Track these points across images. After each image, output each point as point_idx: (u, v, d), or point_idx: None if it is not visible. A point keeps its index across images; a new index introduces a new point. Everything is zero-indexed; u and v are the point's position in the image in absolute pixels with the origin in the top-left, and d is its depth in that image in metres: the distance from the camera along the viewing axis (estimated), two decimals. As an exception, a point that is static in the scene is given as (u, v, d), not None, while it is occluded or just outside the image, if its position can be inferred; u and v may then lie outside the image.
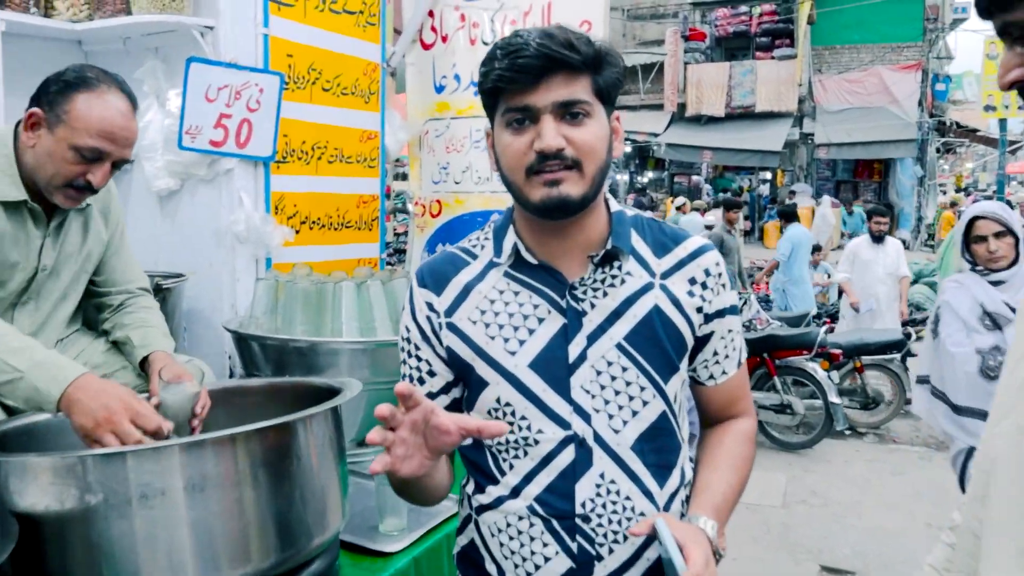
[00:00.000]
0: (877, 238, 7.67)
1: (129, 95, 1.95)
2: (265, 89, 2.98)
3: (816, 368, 6.46)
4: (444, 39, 3.76)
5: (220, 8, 2.94)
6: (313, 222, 3.33)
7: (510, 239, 1.43)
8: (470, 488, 1.50)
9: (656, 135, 21.22)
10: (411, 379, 1.49)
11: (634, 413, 1.39)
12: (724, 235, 8.45)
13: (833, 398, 6.29)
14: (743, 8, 22.32)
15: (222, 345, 2.97)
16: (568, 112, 1.31)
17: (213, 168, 3.01)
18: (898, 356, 6.91)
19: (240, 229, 2.95)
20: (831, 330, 7.48)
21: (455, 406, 1.50)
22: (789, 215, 9.53)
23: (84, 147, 1.85)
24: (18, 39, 2.86)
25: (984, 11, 0.94)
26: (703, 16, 23.09)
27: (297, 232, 3.22)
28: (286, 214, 3.18)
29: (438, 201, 3.84)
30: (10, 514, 1.49)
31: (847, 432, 6.82)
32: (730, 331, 1.49)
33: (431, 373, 1.48)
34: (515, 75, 1.29)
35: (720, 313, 1.46)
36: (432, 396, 1.48)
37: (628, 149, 23.03)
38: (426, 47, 3.83)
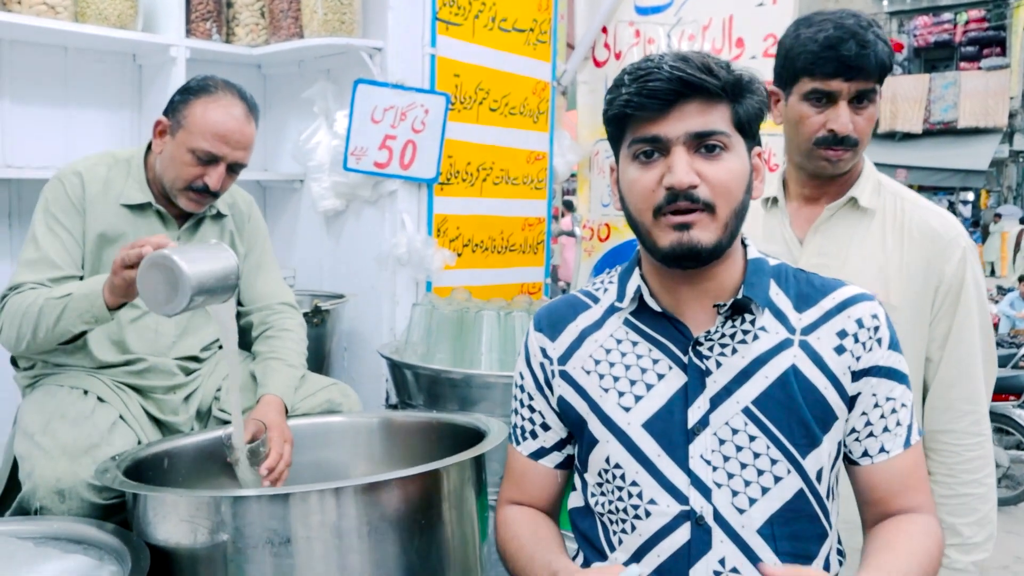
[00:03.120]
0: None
1: (247, 101, 2.02)
2: (431, 110, 2.94)
3: (1024, 416, 5.83)
4: (618, 56, 3.61)
5: (388, 29, 2.92)
6: (476, 245, 3.26)
7: (634, 282, 1.29)
8: (580, 560, 1.33)
9: (845, 153, 20.12)
10: (523, 432, 1.38)
11: (764, 490, 1.19)
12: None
13: (1044, 449, 5.64)
14: (946, 16, 20.89)
15: (380, 368, 2.93)
16: (703, 144, 1.17)
17: (377, 190, 2.99)
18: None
19: (401, 252, 2.91)
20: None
21: (568, 464, 1.37)
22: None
23: (199, 149, 1.93)
24: (202, 64, 2.95)
25: None
26: (900, 25, 21.78)
27: (459, 255, 3.15)
28: (448, 236, 3.12)
29: (607, 225, 3.68)
30: (144, 544, 1.47)
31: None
32: (890, 399, 1.24)
33: (545, 427, 1.36)
34: (644, 100, 1.16)
35: (871, 371, 1.22)
36: (544, 452, 1.36)
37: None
38: (599, 64, 3.69)
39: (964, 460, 1.61)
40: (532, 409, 1.36)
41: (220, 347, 2.22)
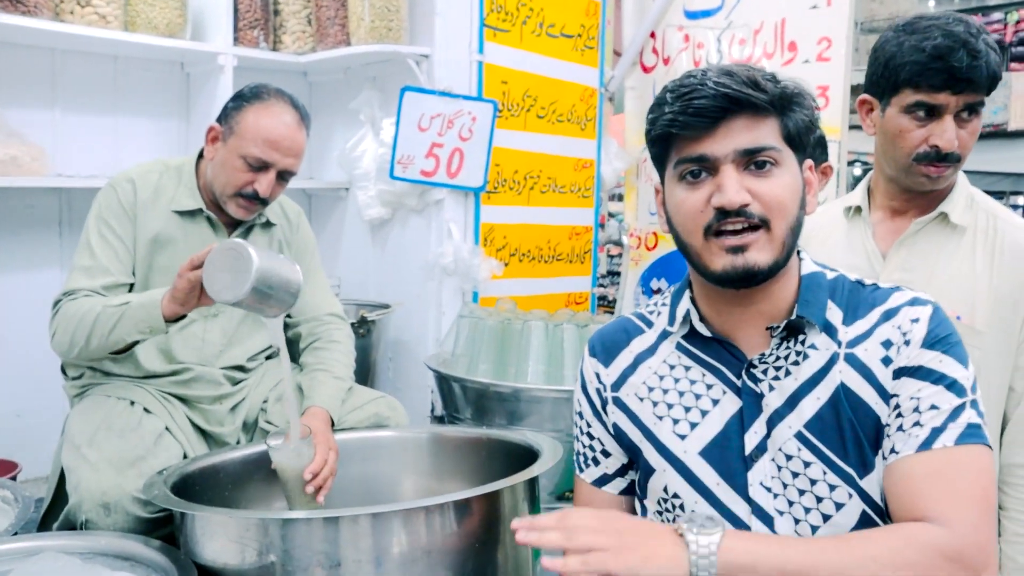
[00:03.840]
0: None
1: (299, 110, 2.03)
2: (478, 117, 2.90)
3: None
4: (666, 61, 3.54)
5: (435, 36, 2.90)
6: (523, 254, 3.21)
7: (683, 305, 1.24)
8: None
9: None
10: (585, 459, 1.34)
11: (825, 518, 1.12)
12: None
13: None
14: (996, 16, 20.41)
15: (426, 380, 2.90)
16: (753, 161, 1.11)
17: (423, 198, 2.95)
18: None
19: (448, 261, 2.88)
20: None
21: (631, 491, 1.32)
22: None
23: (250, 156, 1.94)
24: (249, 72, 2.95)
25: None
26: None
27: (506, 265, 3.10)
28: (495, 246, 3.08)
29: (655, 234, 3.61)
30: (192, 564, 1.45)
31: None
32: (913, 398, 1.10)
33: (605, 453, 1.32)
34: (689, 119, 1.10)
35: (900, 373, 1.11)
36: (607, 479, 1.32)
37: (858, 172, 21.67)
38: (647, 70, 3.63)
39: None
40: (591, 436, 1.32)
41: (267, 358, 2.20)
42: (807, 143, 1.16)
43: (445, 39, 2.91)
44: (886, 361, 1.13)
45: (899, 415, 1.11)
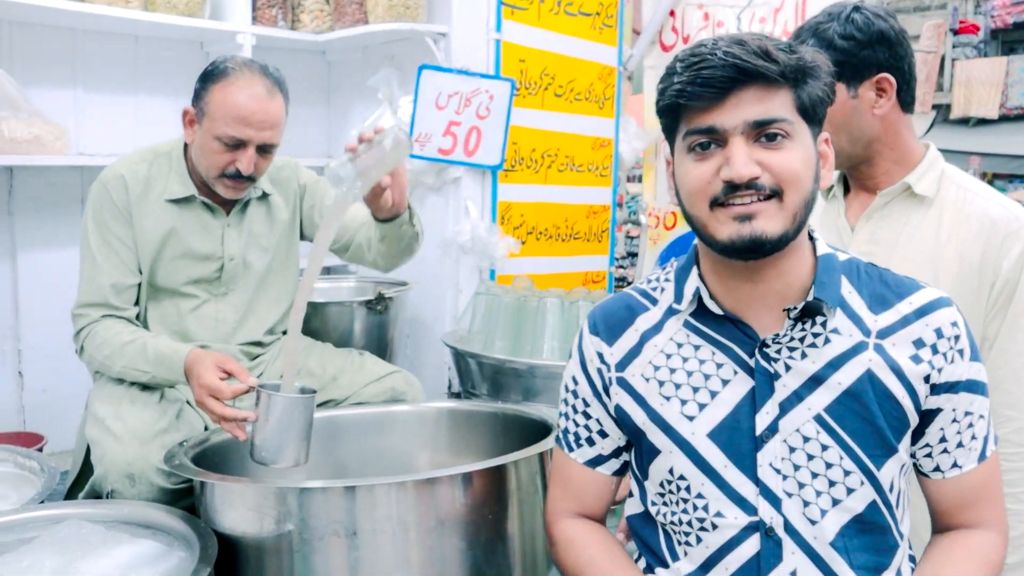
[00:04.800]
0: None
1: (270, 77, 1.93)
2: (495, 96, 2.90)
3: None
4: (686, 40, 3.52)
5: (453, 14, 2.89)
6: (540, 233, 3.22)
7: (692, 282, 1.19)
8: (642, 565, 1.26)
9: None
10: (576, 438, 1.27)
11: (835, 502, 1.12)
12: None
13: None
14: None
15: (443, 357, 2.92)
16: (764, 133, 1.07)
17: (441, 176, 2.96)
18: None
19: (465, 239, 2.89)
20: None
21: (624, 471, 1.29)
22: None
23: (223, 135, 1.88)
24: (267, 51, 2.96)
25: None
26: (977, 6, 21.01)
27: (523, 243, 3.11)
28: (512, 224, 3.08)
29: (673, 213, 3.61)
30: (212, 532, 1.47)
31: None
32: (968, 413, 1.15)
33: (602, 433, 1.26)
34: (697, 89, 1.07)
35: (953, 387, 1.13)
36: (602, 459, 1.27)
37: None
38: (666, 49, 3.61)
39: (1004, 471, 1.50)
40: (587, 416, 1.27)
41: (284, 332, 2.22)
42: (823, 116, 1.13)
43: (463, 17, 2.91)
44: (915, 359, 1.12)
45: (958, 430, 1.15)
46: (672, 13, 3.53)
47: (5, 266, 2.75)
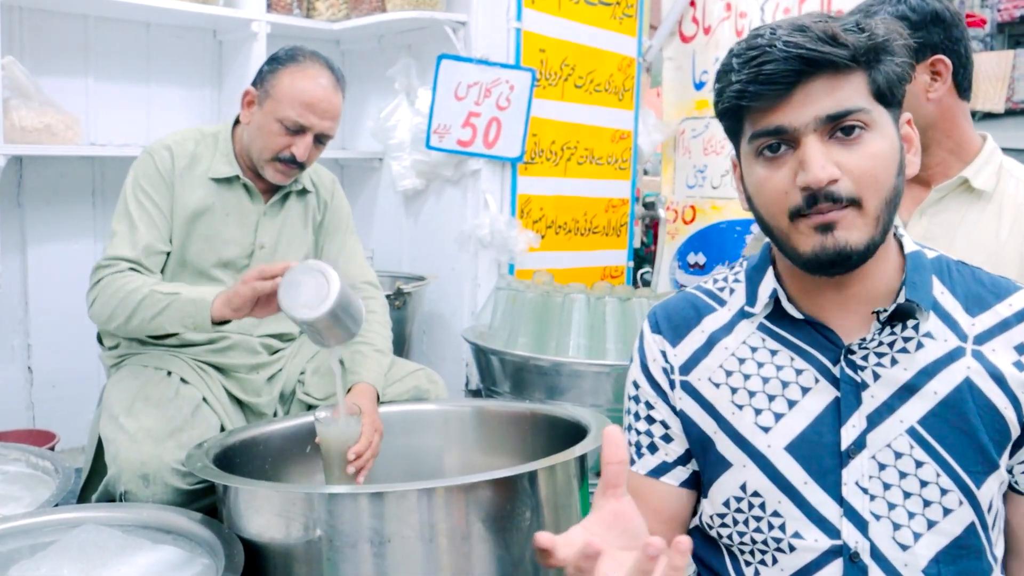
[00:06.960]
0: None
1: (335, 72, 2.00)
2: (516, 86, 2.83)
3: None
4: (707, 31, 3.45)
5: (473, 3, 2.83)
6: (559, 226, 3.16)
7: (768, 284, 1.11)
8: None
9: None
10: (637, 448, 1.18)
11: (930, 524, 1.02)
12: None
13: None
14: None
15: (460, 353, 2.86)
16: (839, 127, 0.98)
17: (460, 169, 2.90)
18: None
19: (484, 233, 2.83)
20: None
21: (693, 482, 1.17)
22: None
23: (286, 119, 1.91)
24: (282, 40, 2.87)
25: None
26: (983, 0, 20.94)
27: (542, 237, 3.05)
28: (532, 217, 3.02)
29: (692, 207, 3.54)
30: (237, 538, 1.42)
31: None
32: None
33: (667, 438, 1.16)
34: (759, 88, 0.97)
35: None
36: (665, 468, 1.16)
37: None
38: (686, 40, 3.54)
39: None
40: (651, 420, 1.17)
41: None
42: (902, 96, 1.03)
43: (482, 6, 2.84)
44: (1019, 366, 1.03)
45: None
46: (693, 3, 3.47)
47: (14, 259, 2.69)
